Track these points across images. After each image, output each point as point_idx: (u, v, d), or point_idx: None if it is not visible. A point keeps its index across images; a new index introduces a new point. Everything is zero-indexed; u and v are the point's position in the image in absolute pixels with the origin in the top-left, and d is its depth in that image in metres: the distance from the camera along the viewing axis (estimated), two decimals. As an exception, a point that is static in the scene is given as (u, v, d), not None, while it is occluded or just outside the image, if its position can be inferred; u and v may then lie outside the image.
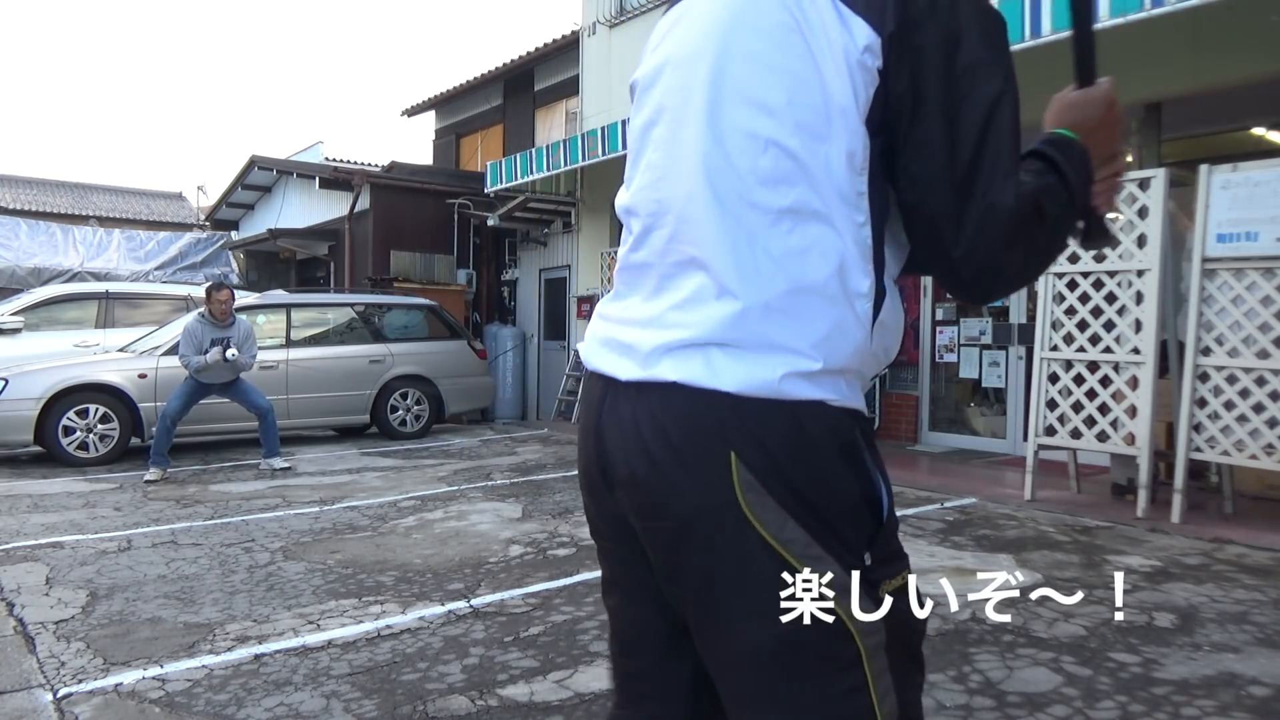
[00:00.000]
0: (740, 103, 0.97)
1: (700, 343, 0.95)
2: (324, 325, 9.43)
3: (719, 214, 0.96)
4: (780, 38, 0.96)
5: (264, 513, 5.51)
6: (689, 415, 0.95)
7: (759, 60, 0.97)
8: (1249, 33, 5.26)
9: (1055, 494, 5.70)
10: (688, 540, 0.98)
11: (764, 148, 0.95)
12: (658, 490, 0.98)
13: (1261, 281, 4.71)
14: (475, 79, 14.53)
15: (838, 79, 0.94)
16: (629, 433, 1.00)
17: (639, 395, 0.99)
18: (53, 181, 22.99)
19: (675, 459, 0.96)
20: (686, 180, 0.99)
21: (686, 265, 0.99)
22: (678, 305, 0.99)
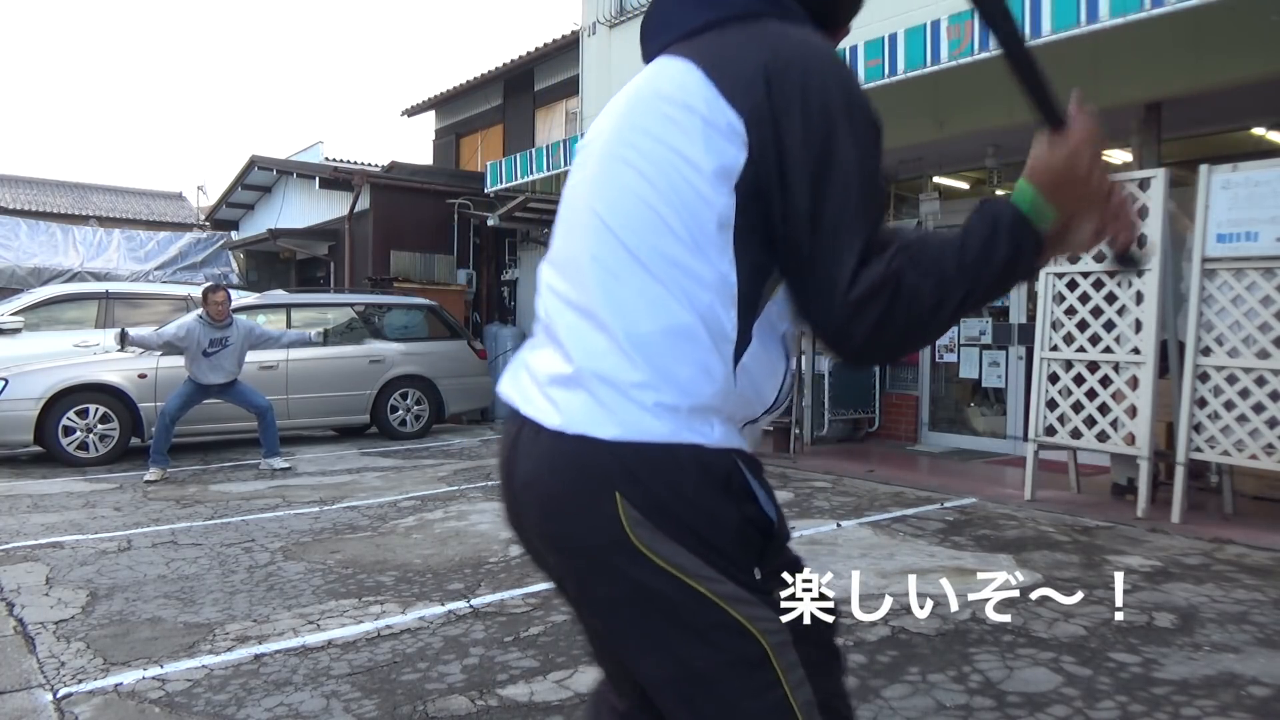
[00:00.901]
0: (621, 167, 1.09)
1: (577, 378, 1.04)
2: (324, 325, 9.42)
3: (596, 265, 1.07)
4: (656, 112, 1.07)
5: (264, 513, 5.51)
6: (576, 460, 1.03)
7: (639, 130, 1.09)
8: (1249, 33, 5.26)
9: (1055, 494, 5.70)
10: (592, 574, 1.06)
11: (636, 207, 1.06)
12: (558, 531, 1.07)
13: (1261, 281, 4.71)
14: (475, 79, 14.53)
15: (702, 149, 1.03)
16: (527, 476, 1.09)
17: (536, 436, 1.08)
18: (53, 181, 22.98)
19: (568, 502, 1.05)
20: (577, 240, 1.11)
21: (570, 309, 1.09)
22: (561, 343, 1.08)
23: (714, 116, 1.03)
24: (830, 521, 5.05)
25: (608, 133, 1.15)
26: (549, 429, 1.05)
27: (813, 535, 4.73)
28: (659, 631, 1.04)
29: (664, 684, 1.06)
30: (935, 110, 6.89)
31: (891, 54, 5.76)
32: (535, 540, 1.14)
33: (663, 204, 1.04)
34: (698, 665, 1.03)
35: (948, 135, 6.97)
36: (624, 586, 1.03)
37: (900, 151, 7.55)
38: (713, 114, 1.03)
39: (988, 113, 6.63)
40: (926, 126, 6.96)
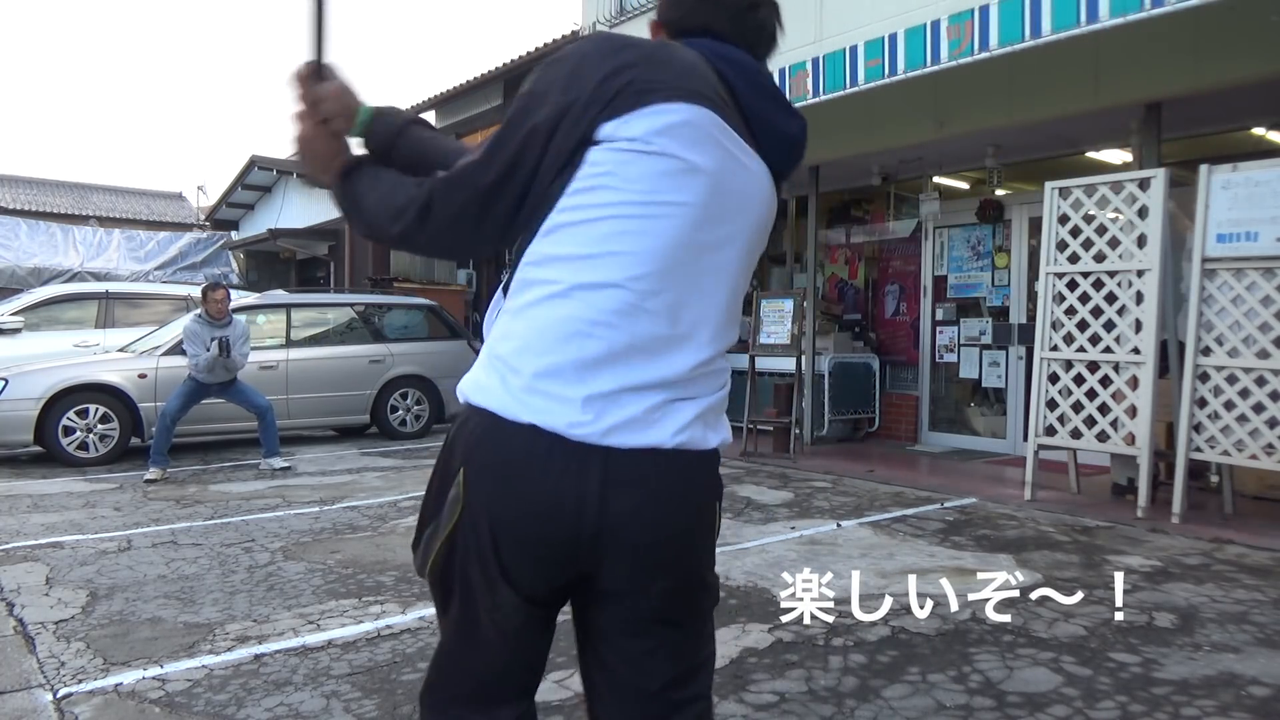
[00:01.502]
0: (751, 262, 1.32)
1: (706, 407, 1.26)
2: (324, 325, 9.42)
3: (728, 321, 1.29)
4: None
5: (264, 513, 5.51)
6: (698, 472, 1.26)
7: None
8: (1249, 33, 5.26)
9: (1055, 494, 5.70)
10: (695, 577, 1.33)
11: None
12: (683, 551, 1.27)
13: (1261, 281, 4.71)
14: (475, 79, 14.51)
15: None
16: (645, 497, 1.20)
17: (664, 460, 1.20)
18: (53, 181, 22.98)
19: (694, 517, 1.27)
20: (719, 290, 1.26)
21: (698, 345, 1.23)
22: (701, 377, 1.24)
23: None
24: (830, 521, 5.05)
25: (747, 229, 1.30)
26: (696, 450, 1.22)
27: (813, 535, 4.73)
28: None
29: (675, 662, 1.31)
30: (935, 110, 6.89)
31: (891, 54, 5.77)
32: (645, 571, 1.24)
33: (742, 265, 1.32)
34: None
35: (948, 135, 6.97)
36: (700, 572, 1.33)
37: (900, 151, 7.56)
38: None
39: (988, 113, 6.64)
40: (926, 126, 6.97)
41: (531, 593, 1.23)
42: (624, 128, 1.14)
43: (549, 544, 1.18)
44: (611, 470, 1.14)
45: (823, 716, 2.53)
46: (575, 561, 1.20)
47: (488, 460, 1.17)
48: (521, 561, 1.20)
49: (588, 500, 1.14)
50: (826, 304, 9.01)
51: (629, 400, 1.15)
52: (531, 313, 1.17)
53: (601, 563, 1.20)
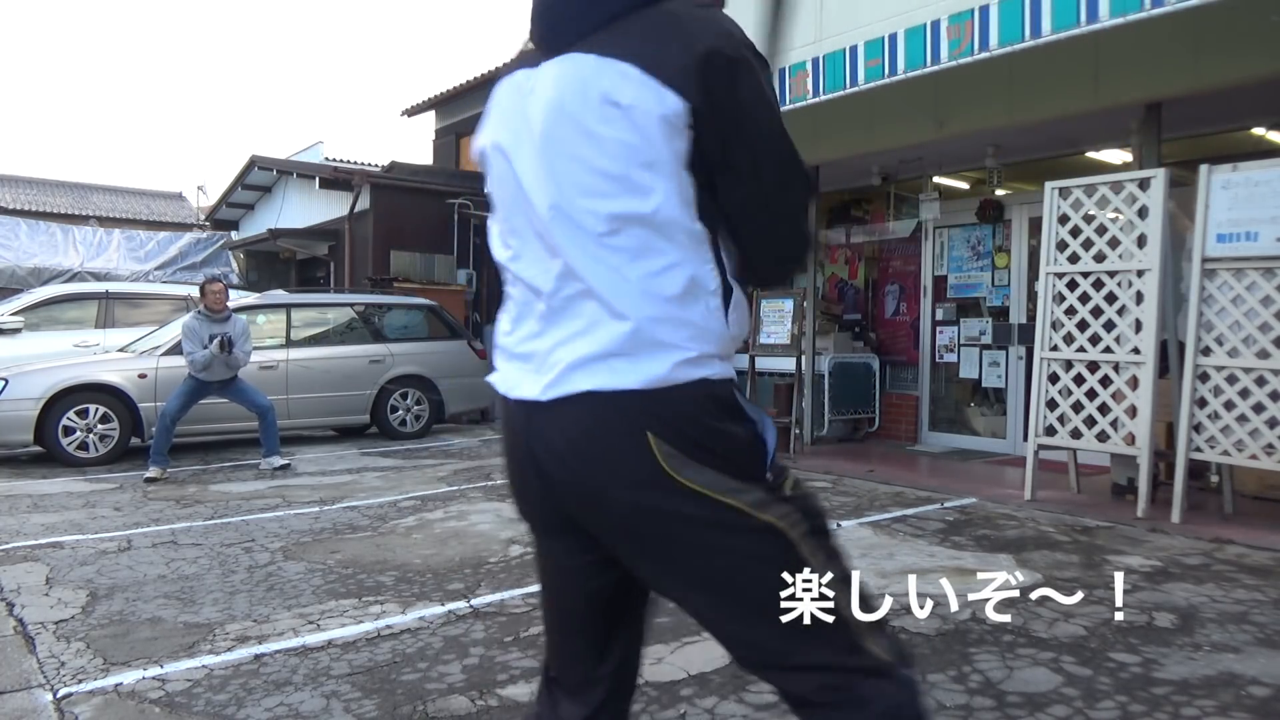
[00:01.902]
0: (581, 176, 1.21)
1: (603, 355, 1.19)
2: (324, 325, 9.42)
3: (593, 259, 1.20)
4: (604, 111, 1.19)
5: (264, 513, 5.51)
6: (607, 412, 1.19)
7: (590, 135, 1.20)
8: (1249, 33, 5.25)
9: (1055, 494, 5.70)
10: (634, 512, 1.21)
11: (606, 205, 1.20)
12: (596, 480, 1.21)
13: (1261, 281, 4.71)
14: (475, 79, 14.53)
15: (657, 138, 1.17)
16: (560, 442, 1.22)
17: (559, 408, 1.21)
18: (53, 181, 22.98)
19: (604, 451, 1.20)
20: (560, 239, 1.23)
21: (577, 298, 1.22)
22: (579, 331, 1.22)
23: (663, 106, 1.17)
24: (830, 521, 5.04)
25: (543, 132, 1.24)
26: (575, 393, 1.20)
27: (813, 535, 4.73)
28: (702, 548, 1.21)
29: (709, 587, 1.23)
30: (935, 110, 6.89)
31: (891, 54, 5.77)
32: (568, 500, 1.27)
33: (634, 194, 1.21)
34: (736, 568, 1.21)
35: (948, 135, 6.96)
36: (665, 516, 1.20)
37: (900, 151, 7.56)
38: (661, 103, 1.17)
39: (988, 113, 6.63)
40: (926, 126, 6.96)
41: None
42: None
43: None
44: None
45: (823, 716, 2.53)
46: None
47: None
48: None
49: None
50: (826, 304, 9.01)
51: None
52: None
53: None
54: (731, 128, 1.19)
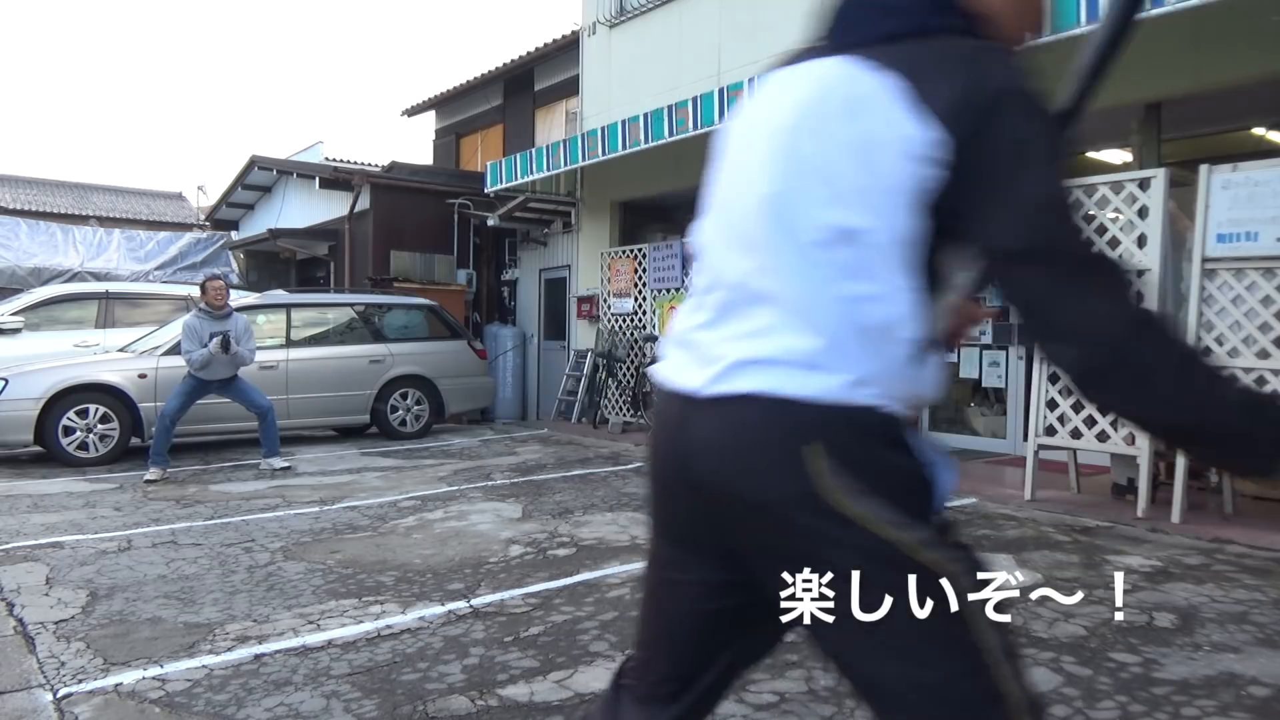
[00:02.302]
0: (810, 176, 1.14)
1: (778, 361, 1.12)
2: (324, 325, 9.42)
3: (795, 264, 1.13)
4: (855, 121, 1.11)
5: (264, 513, 5.51)
6: (771, 417, 1.11)
7: (833, 139, 1.13)
8: (1249, 33, 5.26)
9: (1055, 494, 5.70)
10: (784, 527, 1.12)
11: (828, 213, 1.12)
12: (748, 488, 1.13)
13: (1261, 281, 4.71)
14: (475, 79, 14.53)
15: (901, 163, 1.08)
16: (716, 442, 1.15)
17: (721, 405, 1.14)
18: (53, 181, 22.98)
19: (761, 459, 1.11)
20: (763, 234, 1.16)
21: (764, 297, 1.15)
22: (758, 330, 1.15)
23: (924, 133, 1.07)
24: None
25: (790, 126, 1.17)
26: (739, 393, 1.13)
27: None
28: (848, 574, 1.09)
29: (858, 621, 1.10)
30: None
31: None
32: (715, 509, 1.18)
33: (862, 212, 1.13)
34: (886, 609, 1.08)
35: (948, 135, 6.96)
36: (814, 536, 1.10)
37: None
38: (922, 130, 1.07)
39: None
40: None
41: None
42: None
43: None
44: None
45: (823, 716, 2.53)
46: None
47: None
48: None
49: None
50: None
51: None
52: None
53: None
54: (988, 179, 1.07)
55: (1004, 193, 1.06)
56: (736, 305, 1.18)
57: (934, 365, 1.20)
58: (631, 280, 10.10)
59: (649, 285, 9.86)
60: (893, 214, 1.09)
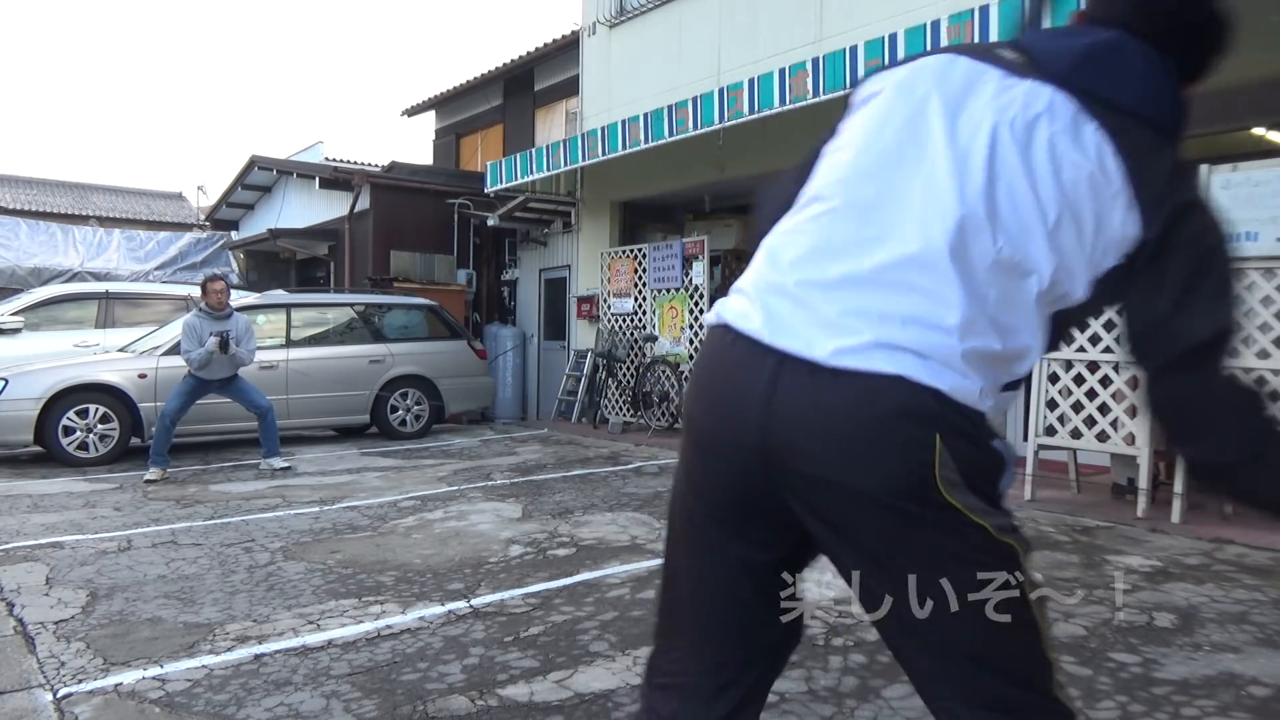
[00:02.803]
0: (1016, 207, 1.15)
1: (914, 351, 1.11)
2: (324, 325, 9.43)
3: (963, 272, 1.13)
4: (1075, 172, 1.16)
5: (264, 513, 5.51)
6: (906, 403, 1.09)
7: (1049, 179, 1.15)
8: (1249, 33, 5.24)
9: (1055, 494, 5.70)
10: (885, 512, 1.11)
11: (1016, 246, 1.15)
12: (849, 465, 1.11)
13: (1261, 281, 4.71)
14: (475, 79, 14.54)
15: (1098, 238, 1.16)
16: (829, 415, 1.11)
17: (845, 379, 1.11)
18: (53, 181, 22.99)
19: (875, 442, 1.10)
20: (942, 234, 1.14)
21: (916, 290, 1.13)
22: (903, 316, 1.12)
23: (1129, 215, 1.17)
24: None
25: (1005, 139, 1.17)
26: (873, 372, 1.10)
27: (813, 535, 4.73)
28: (934, 564, 1.13)
29: (943, 609, 1.13)
30: (935, 110, 6.88)
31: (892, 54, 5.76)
32: (794, 482, 1.16)
33: (1049, 245, 1.19)
34: (973, 588, 1.13)
35: (948, 135, 6.96)
36: (919, 523, 1.11)
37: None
38: (1128, 212, 1.17)
39: (988, 113, 6.61)
40: (926, 126, 6.95)
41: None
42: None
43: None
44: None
45: (823, 716, 2.53)
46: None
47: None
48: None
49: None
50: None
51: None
52: None
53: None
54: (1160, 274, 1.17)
55: (1184, 294, 1.15)
56: (884, 285, 1.14)
57: (1010, 399, 1.26)
58: (631, 280, 10.11)
59: (649, 285, 9.86)
60: (1074, 272, 1.17)
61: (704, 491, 1.25)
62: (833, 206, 1.21)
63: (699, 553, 1.29)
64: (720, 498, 1.23)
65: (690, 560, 1.30)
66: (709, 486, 1.24)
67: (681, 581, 1.32)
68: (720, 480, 1.22)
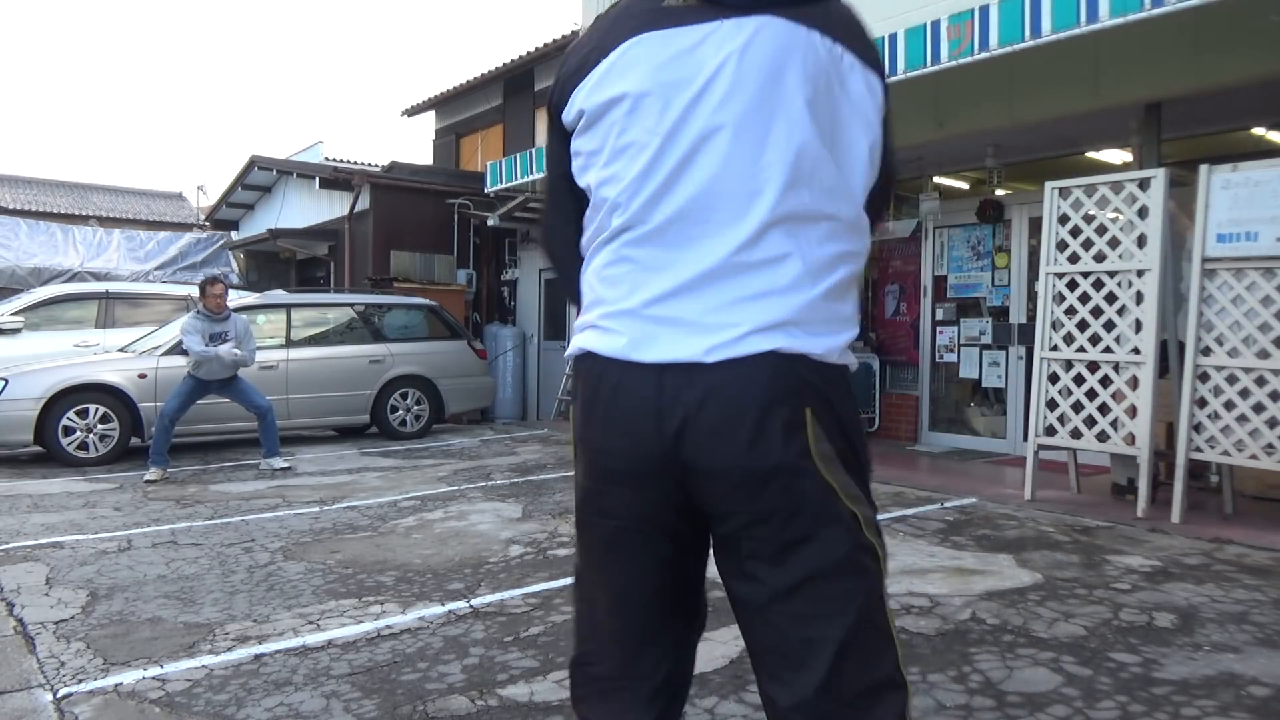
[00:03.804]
0: (808, 130, 1.19)
1: (781, 323, 1.14)
2: (324, 325, 9.42)
3: (786, 225, 1.17)
4: (829, 87, 1.21)
5: (264, 513, 5.51)
6: (776, 378, 1.13)
7: (818, 107, 1.19)
8: (1249, 33, 5.26)
9: (1055, 494, 5.70)
10: (766, 489, 1.14)
11: (813, 182, 1.18)
12: (741, 452, 1.13)
13: (1261, 281, 4.71)
14: (475, 79, 14.53)
15: (872, 124, 1.25)
16: (711, 406, 1.14)
17: (722, 370, 1.14)
18: (53, 181, 22.99)
19: (754, 423, 1.12)
20: (756, 195, 1.17)
21: (768, 262, 1.16)
22: (756, 294, 1.15)
23: (875, 96, 1.26)
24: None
25: (755, 93, 1.19)
26: (747, 355, 1.13)
27: (813, 535, 4.73)
28: (817, 537, 1.16)
29: (813, 579, 1.16)
30: (935, 110, 6.89)
31: (891, 54, 5.76)
32: (697, 473, 1.17)
33: (848, 171, 1.25)
34: (844, 573, 1.16)
35: (948, 135, 6.97)
36: (796, 499, 1.14)
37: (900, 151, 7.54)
38: (874, 93, 1.26)
39: (988, 113, 6.63)
40: (926, 126, 6.96)
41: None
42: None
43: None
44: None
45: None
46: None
47: None
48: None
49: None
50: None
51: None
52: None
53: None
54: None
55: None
56: (733, 273, 1.16)
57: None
58: (631, 280, 10.08)
59: (649, 285, 9.83)
60: (865, 176, 1.25)
61: (617, 510, 1.27)
62: (644, 224, 1.23)
63: (620, 564, 1.30)
64: (636, 510, 1.26)
65: (612, 571, 1.32)
66: (622, 503, 1.26)
67: (605, 593, 1.34)
68: (631, 495, 1.24)
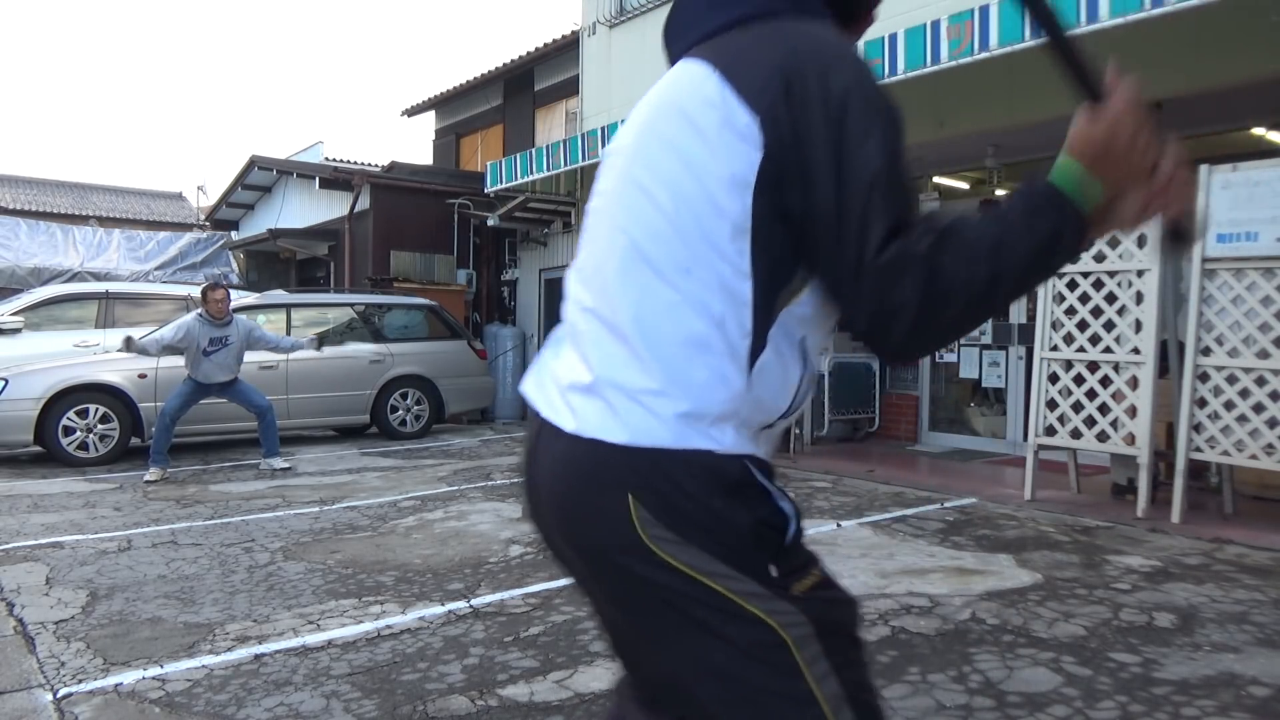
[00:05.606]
0: (642, 175, 1.09)
1: (595, 386, 1.06)
2: (324, 325, 9.42)
3: (616, 275, 1.09)
4: (673, 120, 1.08)
5: (264, 513, 5.51)
6: (590, 464, 1.05)
7: (657, 139, 1.09)
8: (1249, 33, 5.26)
9: (1055, 494, 5.70)
10: (608, 573, 1.08)
11: (652, 217, 1.07)
12: (574, 530, 1.10)
13: (1261, 281, 4.71)
14: (475, 79, 14.53)
15: (717, 155, 1.03)
16: (556, 479, 1.11)
17: (555, 439, 1.10)
18: (53, 181, 22.99)
19: (583, 503, 1.07)
20: (600, 250, 1.14)
21: (591, 318, 1.11)
22: (582, 350, 1.10)
23: (730, 119, 1.03)
24: (830, 521, 5.05)
25: (631, 141, 1.15)
26: (567, 432, 1.08)
27: (813, 535, 4.73)
28: (676, 628, 1.05)
29: (685, 679, 1.07)
30: (935, 110, 6.89)
31: (891, 54, 5.76)
32: (555, 537, 1.17)
33: (677, 214, 1.05)
34: (717, 660, 1.04)
35: (948, 135, 6.97)
36: (639, 585, 1.05)
37: (900, 151, 7.55)
38: (729, 116, 1.03)
39: (988, 113, 6.63)
40: (926, 126, 6.96)
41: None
42: None
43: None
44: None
45: (823, 716, 2.53)
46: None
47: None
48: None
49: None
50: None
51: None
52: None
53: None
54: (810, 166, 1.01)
55: (828, 170, 1.00)
56: (578, 333, 1.13)
57: (776, 368, 1.07)
58: (631, 280, 10.09)
59: (649, 285, 9.84)
60: (719, 218, 1.03)
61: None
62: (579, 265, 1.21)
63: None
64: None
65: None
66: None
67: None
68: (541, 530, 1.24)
